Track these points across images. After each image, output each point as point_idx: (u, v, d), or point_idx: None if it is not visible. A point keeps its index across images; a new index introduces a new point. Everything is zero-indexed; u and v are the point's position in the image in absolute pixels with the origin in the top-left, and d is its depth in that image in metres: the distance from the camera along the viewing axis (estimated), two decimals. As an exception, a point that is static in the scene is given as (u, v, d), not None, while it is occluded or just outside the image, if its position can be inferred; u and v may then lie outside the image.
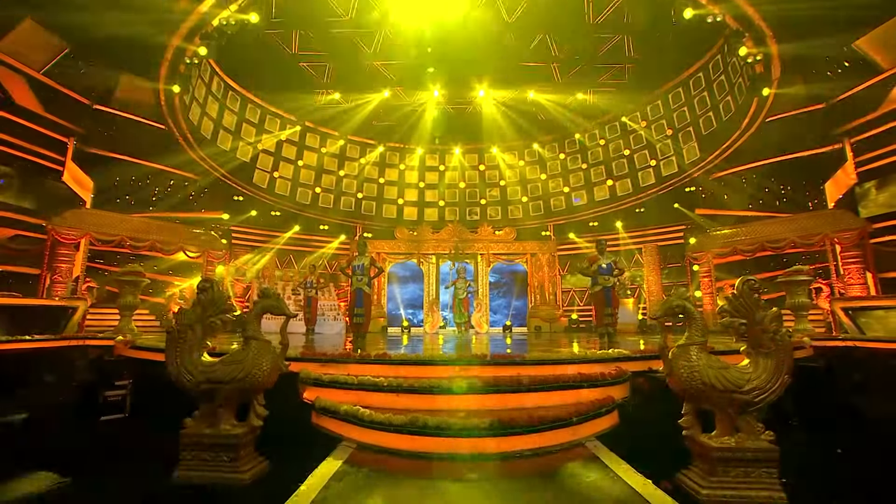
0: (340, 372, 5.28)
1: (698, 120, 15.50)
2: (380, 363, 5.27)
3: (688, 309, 4.05)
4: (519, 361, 5.16)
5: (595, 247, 8.87)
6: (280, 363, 4.32)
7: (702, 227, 15.19)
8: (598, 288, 8.63)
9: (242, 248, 16.40)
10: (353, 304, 8.58)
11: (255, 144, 17.02)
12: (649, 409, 4.78)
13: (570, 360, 5.26)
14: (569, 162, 19.44)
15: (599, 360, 5.32)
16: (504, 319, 18.12)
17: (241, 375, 4.05)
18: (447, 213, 20.42)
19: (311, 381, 4.87)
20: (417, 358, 5.21)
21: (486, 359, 5.19)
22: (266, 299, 4.42)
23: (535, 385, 4.49)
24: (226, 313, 4.30)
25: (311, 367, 5.36)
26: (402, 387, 4.51)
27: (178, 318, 4.24)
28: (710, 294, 14.27)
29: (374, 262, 8.83)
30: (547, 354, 5.27)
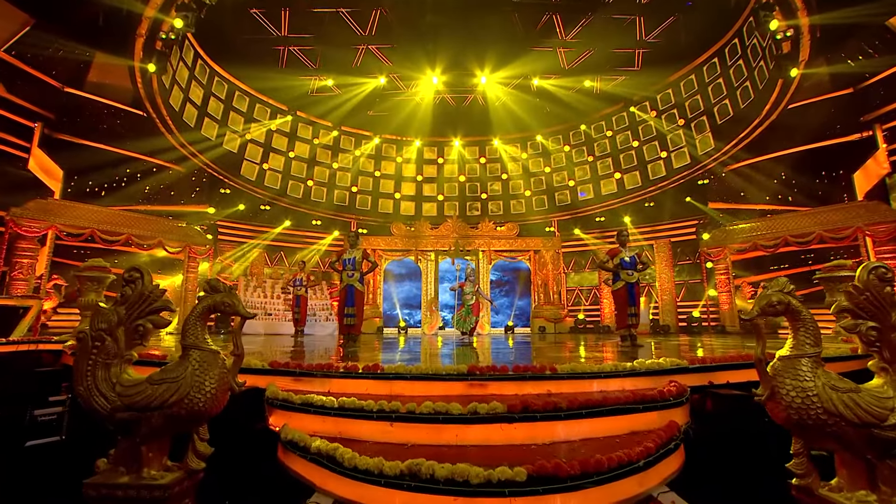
0: (319, 389, 4.11)
1: (713, 108, 14.55)
2: (369, 378, 4.10)
3: (793, 306, 2.89)
4: (549, 375, 4.00)
5: (616, 238, 7.91)
6: (232, 380, 3.14)
7: (716, 222, 14.27)
8: (621, 284, 7.63)
9: (229, 243, 15.34)
10: (343, 302, 7.54)
11: (244, 134, 15.97)
12: (718, 439, 3.62)
13: (611, 373, 4.11)
14: (574, 154, 18.56)
15: (647, 372, 4.17)
16: (506, 320, 17.44)
17: (174, 399, 2.87)
18: (446, 208, 19.54)
19: (277, 403, 3.68)
20: (418, 371, 4.04)
21: (506, 372, 4.02)
22: (214, 295, 3.24)
23: (576, 409, 3.32)
24: (158, 313, 3.11)
25: (283, 381, 4.19)
26: (397, 413, 3.34)
27: (95, 319, 3.04)
28: (728, 293, 13.40)
29: (366, 255, 7.85)
30: (583, 366, 4.10)
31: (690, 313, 14.40)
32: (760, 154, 12.87)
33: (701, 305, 14.38)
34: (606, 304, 16.61)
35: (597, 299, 17.27)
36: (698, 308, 14.40)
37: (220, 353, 3.18)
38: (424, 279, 17.37)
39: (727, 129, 14.08)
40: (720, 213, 14.22)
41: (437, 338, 13.04)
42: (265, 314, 14.02)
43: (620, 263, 7.52)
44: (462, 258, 16.40)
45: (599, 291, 17.11)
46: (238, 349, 3.24)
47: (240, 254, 15.40)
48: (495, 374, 4.07)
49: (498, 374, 4.07)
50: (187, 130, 13.69)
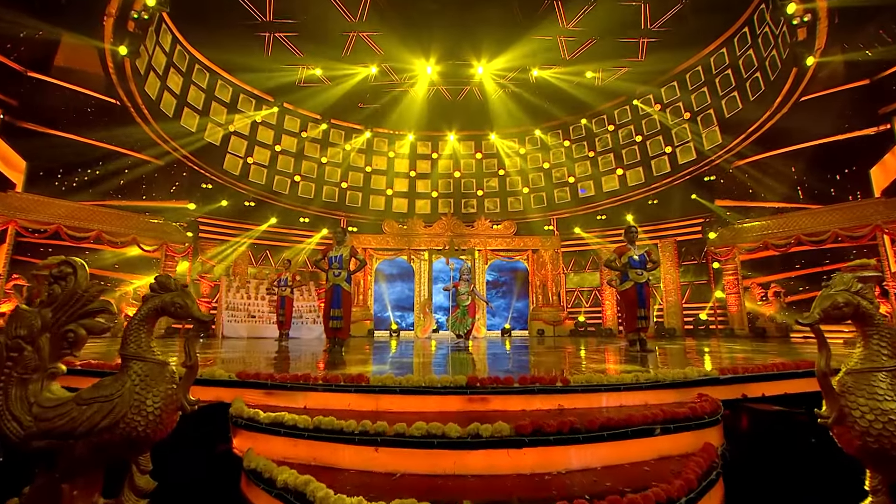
0: (293, 404, 3.63)
1: (720, 101, 14.24)
2: (353, 391, 3.62)
3: (864, 309, 2.43)
4: (560, 388, 3.54)
5: (624, 235, 7.43)
6: (182, 397, 2.65)
7: (723, 220, 13.95)
8: (629, 284, 7.24)
9: (211, 241, 14.81)
10: (329, 304, 7.06)
11: (227, 126, 15.45)
12: (758, 464, 3.17)
13: (632, 385, 3.67)
14: (574, 149, 18.25)
15: (672, 383, 3.72)
16: (503, 322, 17.14)
17: (105, 422, 2.38)
18: (440, 205, 19.20)
19: (242, 422, 3.18)
20: (409, 384, 3.57)
21: (511, 385, 3.55)
22: (163, 294, 2.74)
23: (596, 431, 2.86)
24: (93, 316, 2.60)
25: (253, 395, 3.70)
26: (383, 435, 2.85)
27: (11, 324, 2.53)
28: (736, 294, 13.08)
29: (354, 253, 7.38)
30: (599, 377, 3.65)
31: (697, 316, 14.06)
32: (771, 149, 12.53)
33: (708, 308, 14.03)
34: (608, 305, 16.37)
35: (598, 301, 16.96)
36: (705, 310, 14.05)
37: (168, 364, 2.69)
38: (417, 280, 16.97)
39: (735, 122, 13.74)
40: (727, 210, 13.90)
41: (430, 341, 12.66)
42: (248, 316, 13.57)
43: (629, 262, 7.12)
44: (457, 257, 15.94)
45: (601, 292, 16.80)
46: (191, 359, 2.74)
47: (222, 252, 14.89)
48: (499, 386, 3.61)
49: (502, 386, 3.61)
50: (165, 121, 13.14)
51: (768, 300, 12.19)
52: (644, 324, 7.14)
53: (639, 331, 7.18)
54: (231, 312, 13.21)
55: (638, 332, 7.18)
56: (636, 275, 7.10)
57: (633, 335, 7.30)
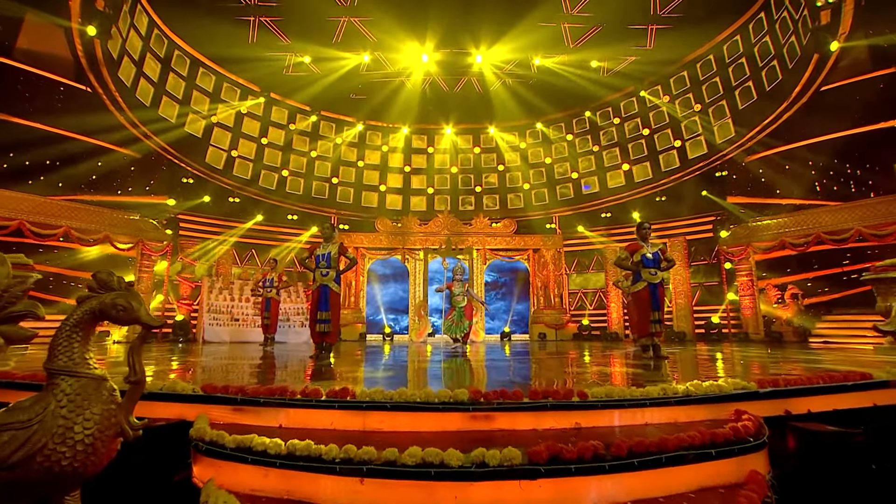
0: (267, 423, 3.24)
1: (734, 92, 13.93)
2: (336, 407, 3.24)
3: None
4: (577, 404, 3.18)
5: (636, 232, 7.10)
6: (123, 421, 2.25)
7: (736, 218, 13.68)
8: (642, 285, 6.89)
9: (192, 239, 14.43)
10: (316, 306, 6.76)
11: (209, 116, 15.09)
12: (812, 495, 2.80)
13: (659, 400, 3.30)
14: (578, 143, 17.97)
15: (705, 398, 3.35)
16: (502, 325, 16.84)
17: (20, 454, 1.98)
18: (437, 202, 18.99)
19: (204, 447, 2.78)
20: (402, 399, 3.20)
21: (520, 399, 3.18)
22: (102, 294, 2.34)
23: (625, 457, 2.47)
24: (15, 322, 2.21)
25: (220, 412, 3.31)
26: (370, 464, 2.46)
27: None
28: (751, 296, 12.82)
29: (343, 251, 7.04)
30: (620, 390, 3.30)
31: (709, 319, 13.76)
32: (788, 142, 12.21)
33: (721, 311, 13.75)
34: (614, 308, 16.11)
35: (603, 303, 16.67)
36: (718, 313, 13.76)
37: (106, 380, 2.28)
38: (412, 280, 16.69)
39: (750, 114, 13.42)
40: (740, 208, 13.63)
41: (425, 346, 12.35)
42: (231, 320, 13.21)
43: (641, 261, 6.79)
44: (454, 257, 15.62)
45: (606, 294, 16.49)
46: (136, 374, 2.33)
47: (204, 251, 14.49)
48: (506, 402, 3.23)
49: (509, 402, 3.24)
50: (141, 110, 12.72)
51: (785, 303, 11.95)
52: (658, 328, 6.86)
53: (652, 335, 6.90)
54: (213, 315, 12.85)
55: (651, 336, 6.91)
56: (650, 275, 6.78)
57: (645, 340, 7.02)
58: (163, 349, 9.03)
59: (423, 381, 4.77)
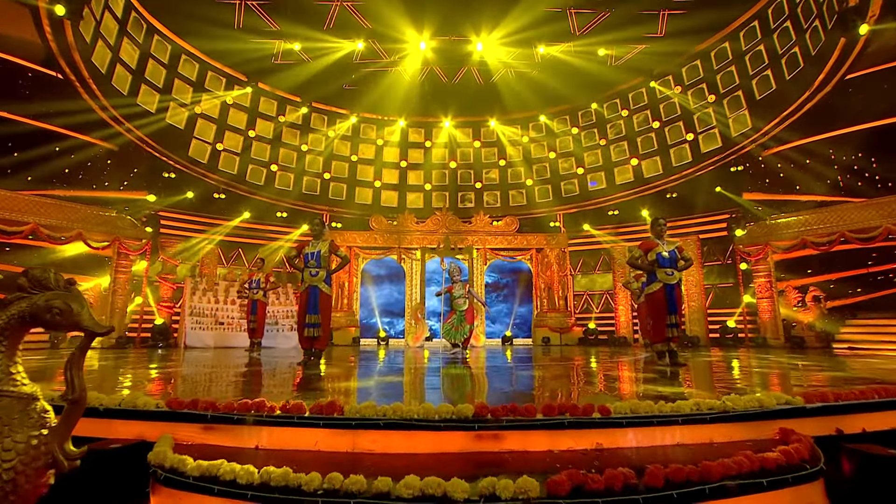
0: (241, 443, 2.93)
1: (751, 81, 13.73)
2: (321, 425, 2.94)
3: None
4: (599, 421, 2.90)
5: (650, 228, 6.88)
6: (57, 450, 1.92)
7: (753, 215, 13.48)
8: (658, 286, 6.62)
9: (174, 237, 14.19)
10: (304, 309, 6.55)
11: (192, 107, 14.84)
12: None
13: (693, 416, 3.01)
14: (584, 137, 17.85)
15: (745, 414, 3.06)
16: (504, 329, 16.75)
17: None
18: (434, 199, 18.91)
19: (162, 476, 2.45)
20: (397, 415, 2.92)
21: (532, 416, 2.90)
22: (35, 295, 2.02)
23: (660, 489, 2.17)
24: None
25: (187, 431, 3.00)
26: (360, 496, 2.15)
27: None
28: (769, 299, 12.62)
29: (335, 249, 6.83)
30: (647, 405, 3.02)
31: (724, 323, 13.51)
32: (810, 134, 11.95)
33: (737, 314, 13.53)
34: (622, 311, 15.99)
35: (610, 306, 16.54)
36: (734, 317, 13.53)
37: (37, 399, 1.96)
38: (408, 282, 16.54)
39: (768, 105, 13.17)
40: (757, 204, 13.41)
41: (423, 351, 12.14)
42: (216, 323, 12.98)
43: (657, 260, 6.55)
44: (452, 257, 15.48)
45: (613, 297, 16.34)
46: (74, 391, 2.00)
47: (187, 250, 14.30)
48: (517, 419, 2.94)
49: (521, 419, 2.95)
50: (117, 98, 12.41)
51: (806, 306, 11.74)
52: (675, 332, 6.67)
53: (668, 340, 6.71)
54: (196, 319, 12.63)
55: (668, 341, 6.71)
56: (666, 275, 6.53)
57: (661, 346, 6.82)
58: (140, 356, 8.73)
59: (421, 393, 4.47)
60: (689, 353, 10.25)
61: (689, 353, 10.25)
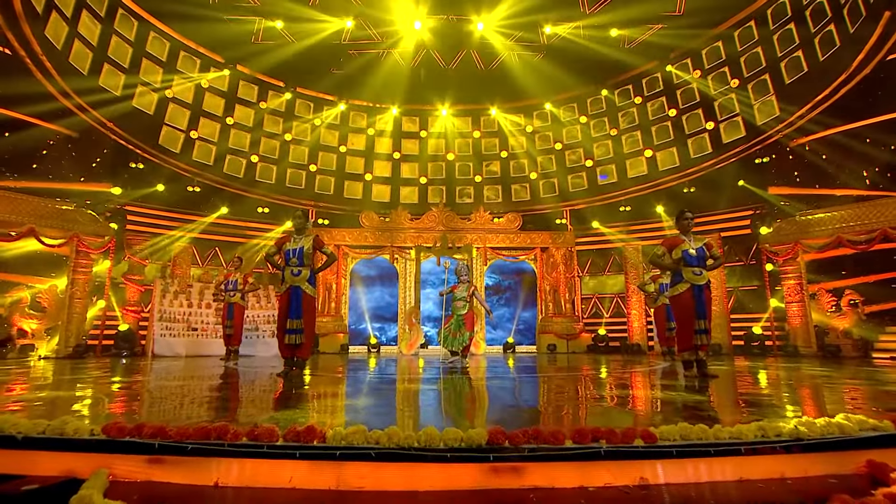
0: (199, 480, 2.52)
1: (779, 63, 13.47)
2: (298, 456, 2.53)
3: None
4: (642, 450, 2.53)
5: (675, 223, 6.60)
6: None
7: (780, 211, 13.26)
8: (684, 287, 6.26)
9: (142, 235, 13.98)
10: (285, 312, 6.25)
11: (163, 90, 14.64)
12: None
13: (759, 444, 2.63)
14: (593, 127, 17.78)
15: (822, 443, 2.66)
16: (506, 335, 16.78)
17: None
18: (430, 194, 18.90)
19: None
20: (391, 443, 2.57)
21: (560, 443, 2.52)
22: None
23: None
24: None
25: (128, 465, 2.60)
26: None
27: None
28: (800, 303, 12.33)
29: (319, 245, 6.50)
30: (701, 430, 2.64)
31: (749, 329, 13.25)
32: (846, 122, 11.64)
33: (763, 319, 13.32)
34: (635, 316, 15.84)
35: (621, 310, 16.47)
36: (760, 323, 13.30)
37: None
38: (402, 283, 16.53)
39: (799, 89, 12.87)
40: (784, 200, 13.18)
41: (418, 359, 11.97)
42: (188, 329, 12.72)
43: (683, 258, 6.24)
44: (450, 256, 15.41)
45: (625, 300, 16.20)
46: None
47: (156, 249, 14.11)
48: (542, 447, 2.54)
49: (546, 447, 2.54)
50: (76, 77, 11.99)
51: (841, 311, 11.48)
52: (705, 339, 6.33)
53: (697, 349, 6.36)
54: (166, 324, 12.34)
55: (695, 350, 6.30)
56: (693, 274, 6.20)
57: (688, 354, 6.54)
58: (100, 367, 8.29)
59: (420, 412, 4.05)
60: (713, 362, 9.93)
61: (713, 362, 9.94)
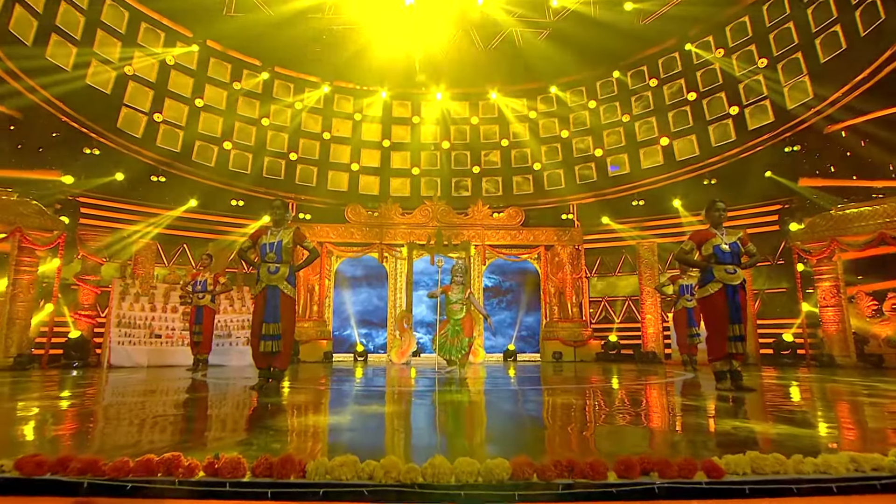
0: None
1: (814, 40, 13.24)
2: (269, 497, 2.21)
3: None
4: (706, 486, 2.24)
5: (705, 215, 6.40)
6: None
7: (813, 205, 13.08)
8: (716, 288, 5.98)
9: (98, 230, 13.75)
10: (260, 316, 5.97)
11: (122, 66, 14.30)
12: None
13: (853, 481, 2.30)
14: (603, 112, 17.75)
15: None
16: (507, 342, 16.84)
17: None
18: (424, 186, 18.86)
19: None
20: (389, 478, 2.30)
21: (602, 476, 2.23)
22: None
23: None
24: None
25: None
26: None
27: None
28: (836, 307, 12.15)
29: (300, 239, 6.31)
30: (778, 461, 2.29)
31: (779, 336, 13.09)
32: (890, 104, 11.44)
33: (796, 326, 13.15)
34: (650, 321, 15.83)
35: (634, 315, 16.49)
36: (791, 329, 13.14)
37: None
38: (392, 285, 16.62)
39: (836, 69, 12.62)
40: (818, 192, 12.97)
41: (410, 368, 11.91)
42: (151, 336, 12.48)
43: (714, 254, 5.98)
44: (445, 255, 15.20)
45: (639, 304, 16.19)
46: None
47: (115, 245, 13.88)
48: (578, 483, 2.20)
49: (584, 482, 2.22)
50: (16, 47, 11.62)
51: (883, 316, 11.32)
52: (740, 347, 6.02)
53: (730, 358, 5.98)
54: (125, 331, 12.03)
55: (729, 359, 5.98)
56: (726, 273, 5.89)
57: (720, 364, 6.31)
58: (45, 380, 7.89)
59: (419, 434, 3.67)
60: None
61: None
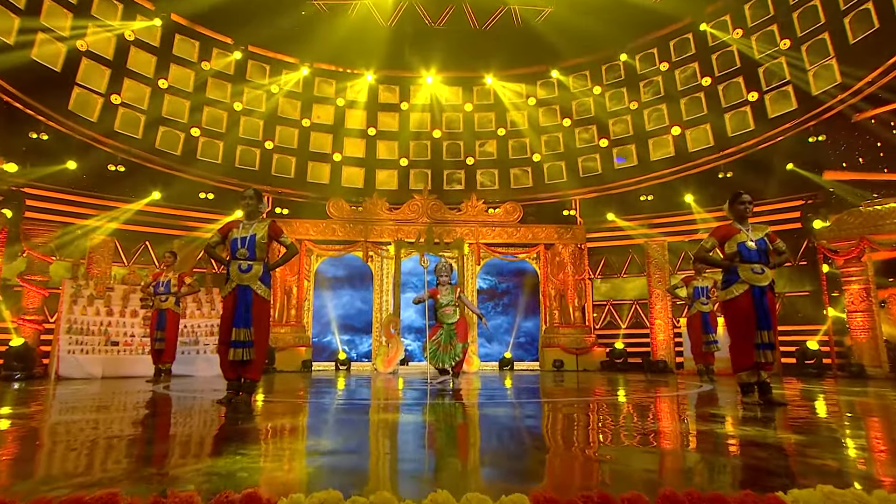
0: None
1: (842, 19, 13.07)
2: None
3: None
4: None
5: (728, 209, 6.19)
6: None
7: (840, 201, 12.94)
8: (742, 290, 5.77)
9: (47, 224, 13.51)
10: (228, 320, 5.75)
11: (73, 40, 13.92)
12: None
13: None
14: (609, 98, 17.79)
15: None
16: (503, 349, 16.91)
17: None
18: (413, 179, 18.90)
19: None
20: None
21: None
22: None
23: None
24: None
25: None
26: None
27: None
28: (866, 312, 12.02)
29: (276, 234, 6.10)
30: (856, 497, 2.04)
31: (803, 344, 12.84)
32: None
33: (821, 333, 12.99)
34: (660, 327, 15.84)
35: (642, 320, 16.55)
36: (816, 337, 12.95)
37: None
38: (378, 286, 16.62)
39: (866, 51, 12.48)
40: (844, 186, 12.83)
41: (397, 378, 11.81)
42: (107, 343, 12.18)
43: (739, 253, 5.79)
44: (435, 254, 14.97)
45: (647, 308, 16.22)
46: None
47: (66, 242, 13.73)
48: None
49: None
50: None
51: None
52: (769, 356, 5.65)
53: (759, 368, 5.72)
54: (76, 338, 11.68)
55: (757, 369, 5.73)
56: (752, 273, 5.70)
57: (747, 375, 5.86)
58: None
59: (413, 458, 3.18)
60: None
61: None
